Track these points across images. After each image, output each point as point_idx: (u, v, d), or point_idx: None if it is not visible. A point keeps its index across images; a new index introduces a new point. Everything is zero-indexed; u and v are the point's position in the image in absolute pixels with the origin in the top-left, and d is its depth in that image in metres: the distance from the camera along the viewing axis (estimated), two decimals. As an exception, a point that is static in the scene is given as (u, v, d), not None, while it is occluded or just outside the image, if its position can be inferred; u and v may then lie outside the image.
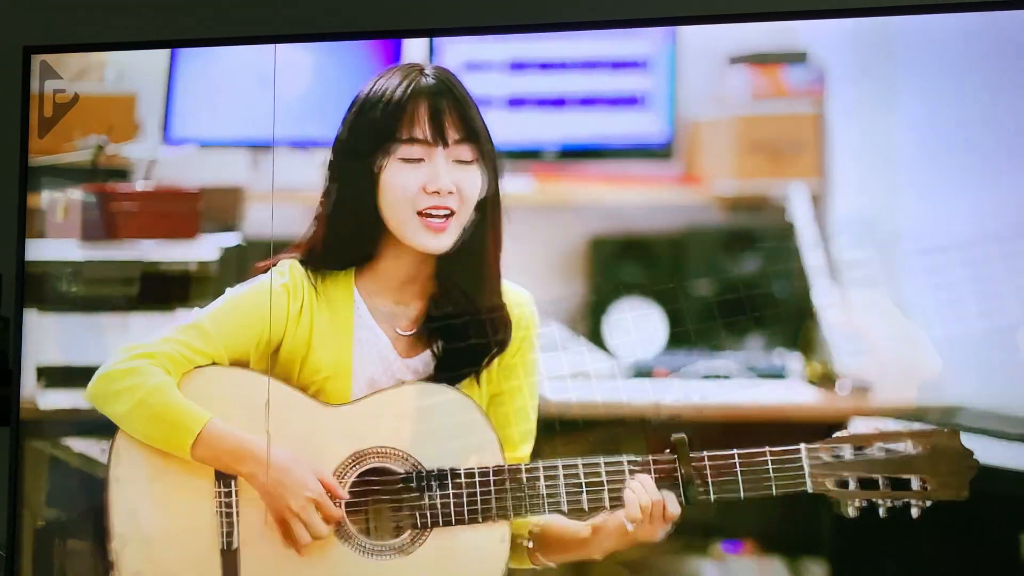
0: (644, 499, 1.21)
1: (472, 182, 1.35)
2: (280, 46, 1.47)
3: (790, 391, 1.42)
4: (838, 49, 1.41)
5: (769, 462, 1.36)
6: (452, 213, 1.35)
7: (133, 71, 1.57)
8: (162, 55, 1.56)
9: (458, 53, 1.47)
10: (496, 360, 1.36)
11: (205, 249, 1.53)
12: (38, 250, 1.55)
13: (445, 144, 1.30)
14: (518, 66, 1.46)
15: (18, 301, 1.52)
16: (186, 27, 1.76)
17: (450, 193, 1.32)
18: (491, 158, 1.33)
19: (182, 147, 1.56)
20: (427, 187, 1.33)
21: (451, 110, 1.30)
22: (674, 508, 1.24)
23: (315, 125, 1.47)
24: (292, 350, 1.40)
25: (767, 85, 1.43)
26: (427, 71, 1.33)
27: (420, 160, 1.30)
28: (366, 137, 1.30)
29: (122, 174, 1.57)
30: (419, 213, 1.35)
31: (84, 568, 1.51)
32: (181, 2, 1.72)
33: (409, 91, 1.30)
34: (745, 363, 1.44)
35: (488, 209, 1.33)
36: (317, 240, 1.39)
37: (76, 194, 1.55)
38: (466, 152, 1.32)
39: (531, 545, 1.29)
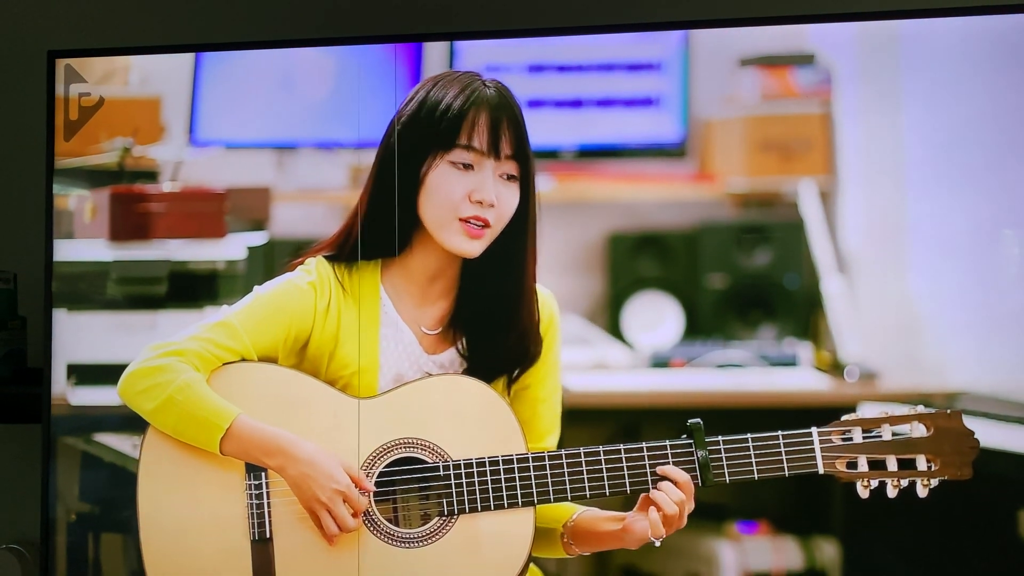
0: (670, 508, 1.27)
1: (511, 200, 1.42)
2: (303, 49, 1.53)
3: (801, 378, 1.50)
4: (845, 51, 1.49)
5: (782, 445, 1.44)
6: (488, 225, 1.42)
7: (157, 74, 1.61)
8: (186, 59, 1.60)
9: (478, 56, 1.53)
10: None
11: (232, 248, 1.57)
12: (67, 251, 1.60)
13: (497, 157, 1.37)
14: (537, 68, 1.52)
15: (47, 301, 1.57)
16: (209, 30, 1.81)
17: (491, 206, 1.40)
18: (533, 178, 1.41)
19: (208, 149, 1.61)
20: (472, 195, 1.40)
21: (508, 125, 1.37)
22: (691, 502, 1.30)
23: (338, 126, 1.52)
24: (320, 346, 1.40)
25: (777, 86, 1.51)
26: (488, 83, 1.40)
27: (470, 168, 1.37)
28: (421, 137, 1.36)
29: (149, 175, 1.62)
30: (460, 219, 1.42)
31: (117, 561, 1.56)
32: (204, 6, 1.77)
33: (472, 99, 1.36)
34: (757, 352, 1.51)
35: (528, 226, 1.40)
36: (352, 230, 1.45)
37: (104, 195, 1.59)
38: (512, 168, 1.39)
39: (566, 538, 1.36)
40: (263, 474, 1.44)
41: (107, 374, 1.52)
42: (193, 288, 1.57)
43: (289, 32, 1.71)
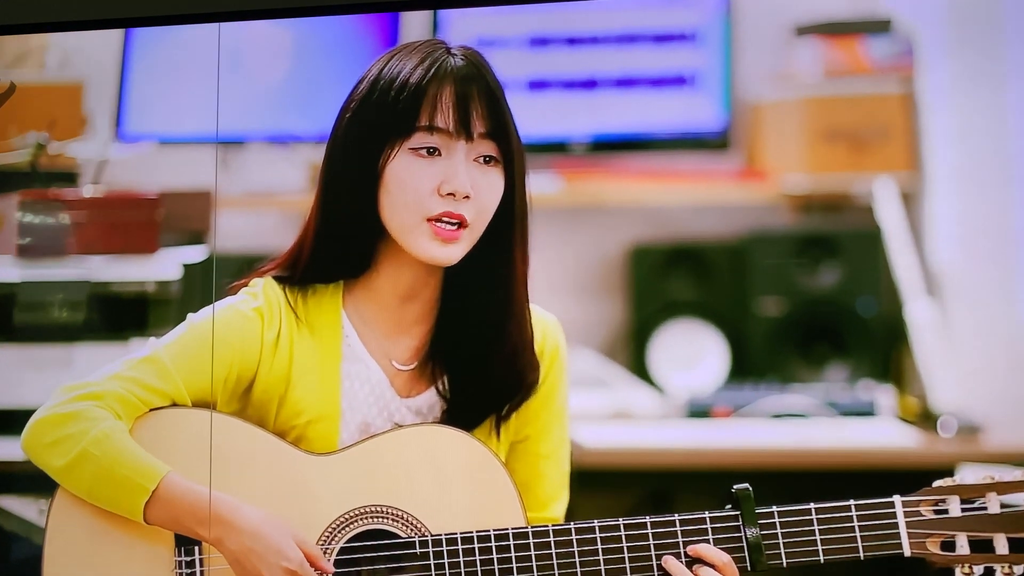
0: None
1: (491, 188, 1.21)
2: (254, 23, 1.37)
3: (880, 432, 1.35)
4: (931, 16, 1.36)
5: (855, 518, 1.21)
6: (463, 225, 1.19)
7: (80, 55, 1.52)
8: (114, 36, 1.51)
9: (468, 27, 1.45)
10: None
11: (165, 266, 1.46)
12: (-34, 270, 1.51)
13: (469, 137, 1.16)
14: (541, 42, 1.43)
15: (-59, 331, 1.42)
16: (143, 2, 1.66)
17: (466, 198, 1.18)
18: (519, 161, 1.19)
19: (138, 145, 1.53)
20: (442, 187, 1.19)
21: (480, 99, 1.15)
22: None
23: (296, 116, 1.35)
24: (268, 388, 1.27)
25: (843, 60, 1.39)
26: (455, 51, 1.19)
27: (435, 153, 1.14)
28: (375, 123, 1.17)
29: (67, 177, 1.51)
30: (429, 219, 1.19)
31: (17, 656, 1.38)
32: None
33: (432, 71, 1.16)
34: (824, 398, 1.37)
35: (516, 221, 1.18)
36: (303, 248, 1.24)
37: (11, 202, 1.48)
38: (490, 149, 1.17)
39: None
40: (197, 548, 1.26)
41: (9, 422, 1.37)
42: (117, 315, 1.46)
43: (237, 3, 1.55)
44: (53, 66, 1.50)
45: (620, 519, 1.23)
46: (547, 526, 1.22)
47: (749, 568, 1.22)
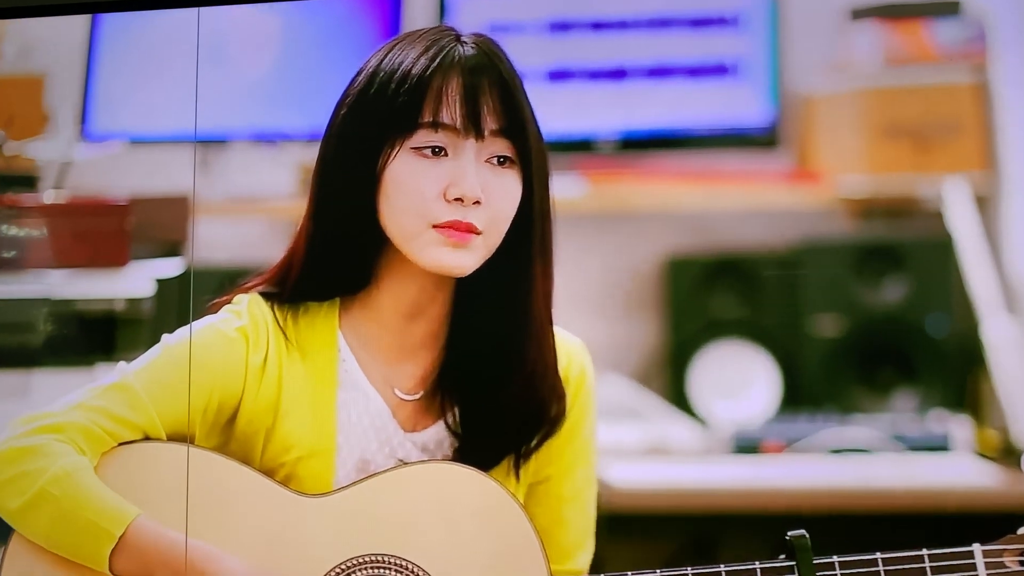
0: None
1: (506, 192, 1.12)
2: (238, 8, 1.29)
3: (955, 469, 1.27)
4: None
5: (928, 570, 1.14)
6: (476, 232, 1.09)
7: (41, 45, 1.45)
8: (79, 23, 1.45)
9: (479, 10, 1.38)
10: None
11: (136, 281, 1.40)
12: (-90, 286, 1.50)
13: (479, 135, 1.07)
14: (562, 27, 1.34)
15: None
16: None
17: (476, 203, 1.08)
18: (539, 162, 1.09)
19: (106, 144, 1.45)
20: (448, 192, 1.11)
21: (492, 92, 1.06)
22: None
23: (285, 111, 1.25)
24: (253, 419, 1.19)
25: (906, 46, 1.31)
26: (465, 39, 1.09)
27: (441, 153, 1.05)
28: (373, 120, 1.09)
29: (25, 181, 1.45)
30: (435, 227, 1.09)
31: None
32: None
33: (438, 61, 1.07)
34: (890, 430, 1.29)
35: (535, 230, 1.08)
36: (293, 261, 1.15)
37: None
38: (504, 148, 1.08)
39: None
40: (169, 604, 1.23)
41: (-43, 459, 1.27)
42: (81, 337, 1.40)
43: None
44: (10, 57, 1.45)
45: (657, 571, 1.16)
46: (572, 580, 1.15)
47: (807, 626, 1.15)
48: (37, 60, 1.43)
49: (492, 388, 1.15)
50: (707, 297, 1.29)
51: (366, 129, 1.14)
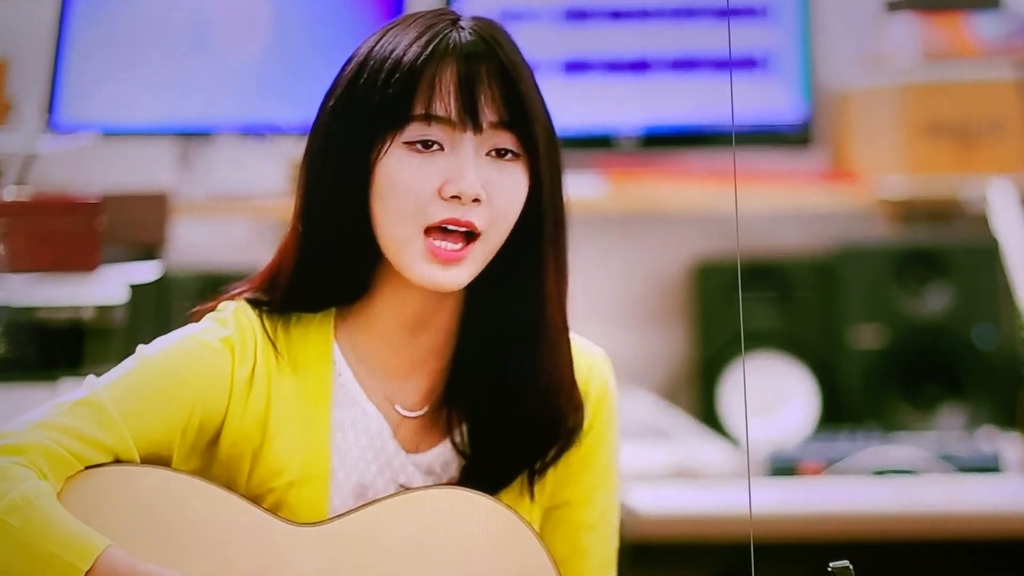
0: None
1: (511, 188, 1.04)
2: None
3: (1007, 491, 1.23)
4: None
5: None
6: (474, 236, 1.01)
7: (3, 28, 1.39)
8: (47, 5, 1.36)
9: None
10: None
11: (107, 287, 1.34)
12: None
13: (477, 128, 1.00)
14: (578, 15, 1.29)
15: None
16: None
17: (475, 201, 1.01)
18: (548, 153, 1.02)
19: (75, 136, 1.36)
20: (445, 189, 1.04)
21: (491, 81, 1.00)
22: None
23: (275, 102, 1.20)
24: (238, 440, 1.11)
25: (945, 40, 1.26)
26: (464, 23, 1.02)
27: (435, 147, 0.98)
28: (363, 113, 1.05)
29: None
30: (427, 231, 1.01)
31: None
32: None
33: (431, 48, 1.01)
34: (937, 449, 1.23)
35: (545, 228, 1.01)
36: (281, 269, 1.07)
37: None
38: (507, 140, 1.01)
39: None
40: (142, 645, 1.19)
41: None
42: (44, 348, 1.34)
43: None
44: None
45: (689, 605, 1.13)
46: (594, 616, 1.06)
47: (851, 663, 1.08)
48: (-1, 44, 1.39)
49: (503, 401, 1.07)
50: (738, 306, 1.25)
51: (355, 123, 1.08)
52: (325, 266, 1.11)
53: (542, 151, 1.07)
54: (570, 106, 1.26)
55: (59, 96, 1.37)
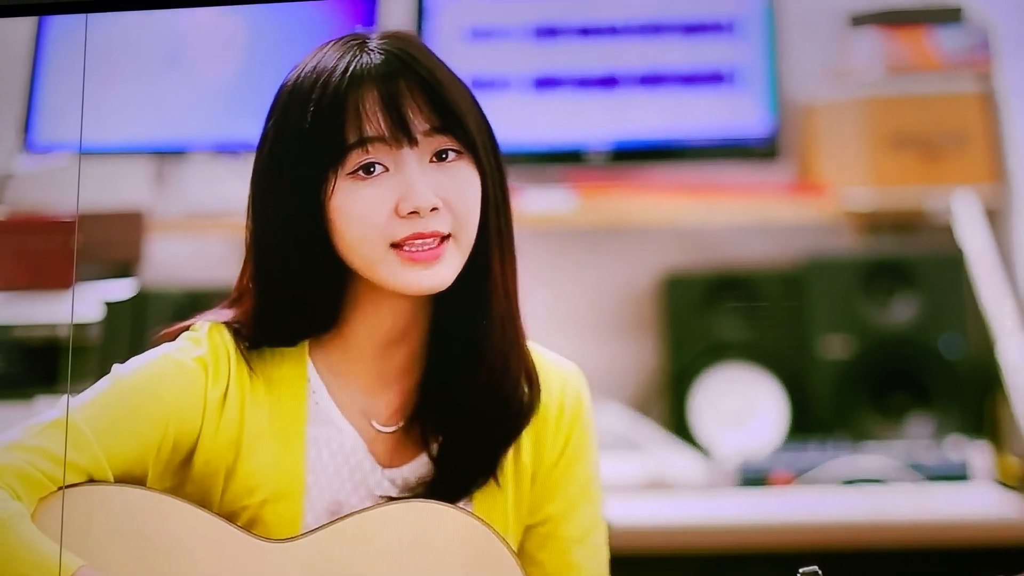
0: None
1: (464, 184, 1.05)
2: (199, 10, 1.23)
3: (975, 499, 1.22)
4: (1007, 2, 1.23)
5: None
6: (446, 236, 1.00)
7: None
8: (23, 25, 1.36)
9: (459, 15, 1.36)
10: (530, 472, 1.03)
11: (82, 305, 1.32)
12: None
13: (412, 141, 0.99)
14: (548, 32, 1.30)
15: None
16: None
17: (434, 210, 0.99)
18: (486, 146, 1.02)
19: (51, 156, 1.37)
20: (400, 207, 1.04)
21: (413, 92, 0.99)
22: None
23: (248, 120, 1.20)
24: (211, 458, 1.11)
25: (908, 54, 1.27)
26: (371, 44, 1.02)
27: (381, 170, 0.98)
28: (299, 150, 1.01)
29: None
30: (394, 246, 1.01)
31: None
32: None
33: (348, 79, 1.00)
34: (905, 458, 1.22)
35: (490, 220, 1.01)
36: (247, 311, 1.07)
37: None
38: (445, 142, 1.01)
39: None
40: (116, 666, 1.12)
41: None
42: (18, 367, 1.33)
43: None
44: None
45: (662, 616, 1.12)
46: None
47: (822, 670, 1.07)
48: (-26, 65, 1.37)
49: (460, 393, 1.07)
50: (708, 318, 1.23)
51: (296, 168, 1.07)
52: (294, 307, 1.10)
53: (479, 144, 1.07)
54: (540, 121, 1.26)
55: (35, 116, 1.37)
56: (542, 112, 1.25)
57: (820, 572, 1.08)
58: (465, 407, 1.07)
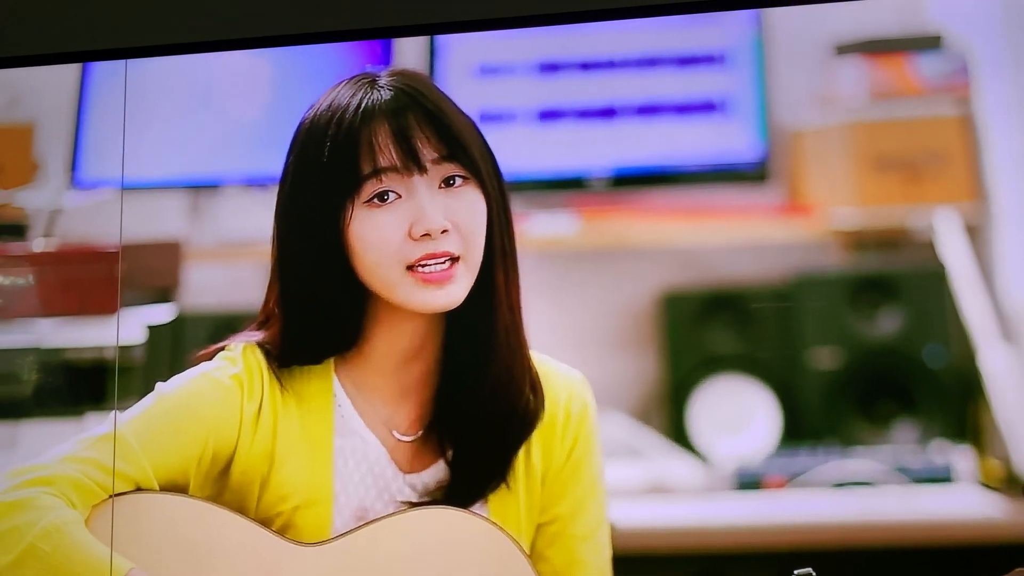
0: None
1: (471, 209, 1.10)
2: (229, 54, 1.27)
3: (959, 500, 1.24)
4: (984, 29, 1.26)
5: None
6: (455, 258, 1.06)
7: (30, 94, 1.43)
8: (69, 72, 1.42)
9: (468, 54, 1.35)
10: (539, 474, 1.06)
11: (127, 329, 1.37)
12: None
13: (422, 169, 1.05)
14: (551, 67, 1.33)
15: None
16: (102, 34, 1.56)
17: (444, 232, 1.05)
18: (489, 172, 1.07)
19: (96, 191, 1.42)
20: (413, 230, 1.08)
21: (421, 124, 1.04)
22: None
23: (276, 155, 1.24)
24: (248, 468, 1.17)
25: (890, 80, 1.30)
26: (381, 82, 1.07)
27: (395, 197, 1.03)
28: (318, 182, 1.05)
29: (15, 230, 1.42)
30: (410, 268, 1.07)
31: None
32: (93, 0, 1.53)
33: (360, 115, 1.05)
34: (892, 462, 1.25)
35: (495, 239, 1.06)
36: (274, 333, 1.12)
37: None
38: (452, 169, 1.06)
39: None
40: (164, 661, 1.15)
41: (-56, 515, 1.22)
42: (70, 387, 1.36)
43: (209, 31, 1.46)
44: (0, 106, 1.41)
45: (663, 612, 1.16)
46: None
47: (816, 667, 1.10)
48: (27, 109, 1.40)
49: (468, 401, 1.11)
50: (703, 332, 1.26)
51: (317, 200, 1.12)
52: (319, 328, 1.16)
53: (483, 170, 1.12)
54: (544, 151, 1.29)
55: (81, 155, 1.41)
56: (546, 142, 1.29)
57: (813, 572, 1.11)
58: (475, 415, 1.12)
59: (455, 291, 1.08)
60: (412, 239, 1.08)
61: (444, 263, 1.09)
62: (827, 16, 1.28)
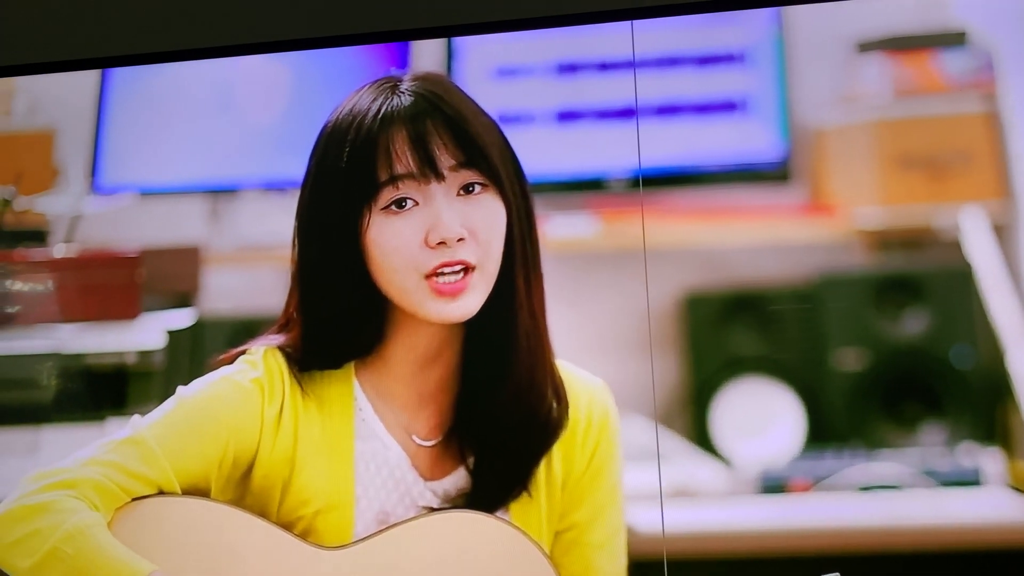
0: None
1: (490, 216, 1.08)
2: (247, 58, 1.27)
3: (988, 503, 1.22)
4: (1009, 25, 1.24)
5: None
6: (470, 268, 1.05)
7: (50, 100, 1.43)
8: (89, 78, 1.41)
9: (486, 56, 1.35)
10: (560, 481, 1.05)
11: (147, 334, 1.36)
12: (-81, 343, 1.44)
13: (439, 176, 1.03)
14: (569, 68, 1.33)
15: None
16: (121, 39, 1.56)
17: (460, 240, 1.04)
18: (510, 177, 1.06)
19: (116, 197, 1.42)
20: (429, 238, 1.07)
21: (440, 130, 1.03)
22: None
23: (294, 159, 1.25)
24: (269, 472, 1.16)
25: (914, 77, 1.29)
26: (402, 86, 1.06)
27: (412, 205, 1.02)
28: (337, 187, 1.04)
29: (36, 236, 1.42)
30: (426, 277, 1.06)
31: None
32: (112, 7, 1.53)
33: (379, 120, 1.04)
34: (920, 465, 1.24)
35: (516, 245, 1.05)
36: (295, 337, 1.11)
37: None
38: (471, 176, 1.05)
39: None
40: (186, 665, 1.15)
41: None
42: (92, 391, 1.36)
43: (226, 36, 1.46)
44: (21, 113, 1.42)
45: (688, 618, 1.15)
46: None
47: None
48: (47, 116, 1.40)
49: (489, 407, 1.10)
50: (726, 334, 1.25)
51: (334, 205, 1.11)
52: (338, 333, 1.15)
53: (504, 176, 1.11)
54: (564, 152, 1.28)
55: (101, 161, 1.41)
56: (565, 143, 1.28)
57: (840, 576, 1.09)
58: (496, 421, 1.12)
59: (468, 302, 1.08)
60: (428, 247, 1.07)
61: (459, 272, 1.08)
62: (849, 13, 1.27)
